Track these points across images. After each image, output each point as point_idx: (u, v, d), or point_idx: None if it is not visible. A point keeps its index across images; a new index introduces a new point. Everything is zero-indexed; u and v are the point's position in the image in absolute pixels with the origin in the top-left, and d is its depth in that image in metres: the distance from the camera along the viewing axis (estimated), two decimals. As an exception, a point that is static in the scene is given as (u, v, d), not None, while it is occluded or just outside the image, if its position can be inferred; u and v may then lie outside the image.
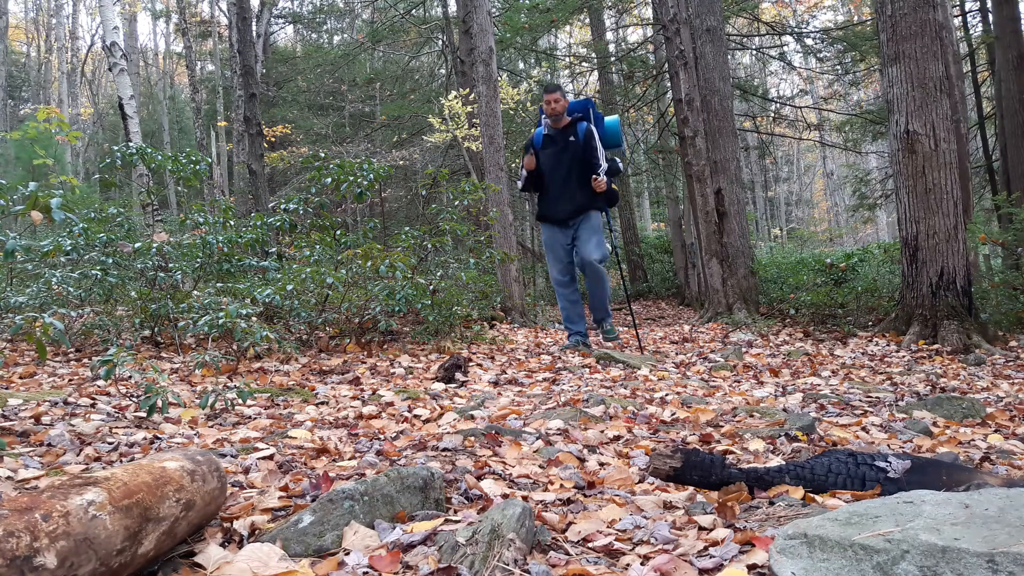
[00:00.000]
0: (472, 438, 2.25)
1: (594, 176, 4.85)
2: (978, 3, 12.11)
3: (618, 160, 5.10)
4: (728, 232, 8.08)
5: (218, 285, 5.03)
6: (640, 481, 1.87)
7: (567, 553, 1.32)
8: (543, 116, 5.08)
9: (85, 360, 4.02)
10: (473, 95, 10.05)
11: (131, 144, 5.38)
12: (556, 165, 5.00)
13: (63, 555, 0.94)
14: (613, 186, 5.09)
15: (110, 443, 2.14)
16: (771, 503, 1.60)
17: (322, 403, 3.08)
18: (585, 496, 1.72)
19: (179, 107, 24.08)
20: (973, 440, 2.55)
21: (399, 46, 16.62)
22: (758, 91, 16.45)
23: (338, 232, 5.60)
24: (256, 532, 1.40)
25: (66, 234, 4.47)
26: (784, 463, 1.93)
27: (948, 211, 5.66)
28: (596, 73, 15.72)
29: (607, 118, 5.19)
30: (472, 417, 2.69)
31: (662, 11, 8.65)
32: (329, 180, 5.22)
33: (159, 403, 2.50)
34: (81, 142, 20.80)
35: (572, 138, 4.98)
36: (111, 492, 1.09)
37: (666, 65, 10.27)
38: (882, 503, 1.24)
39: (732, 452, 2.20)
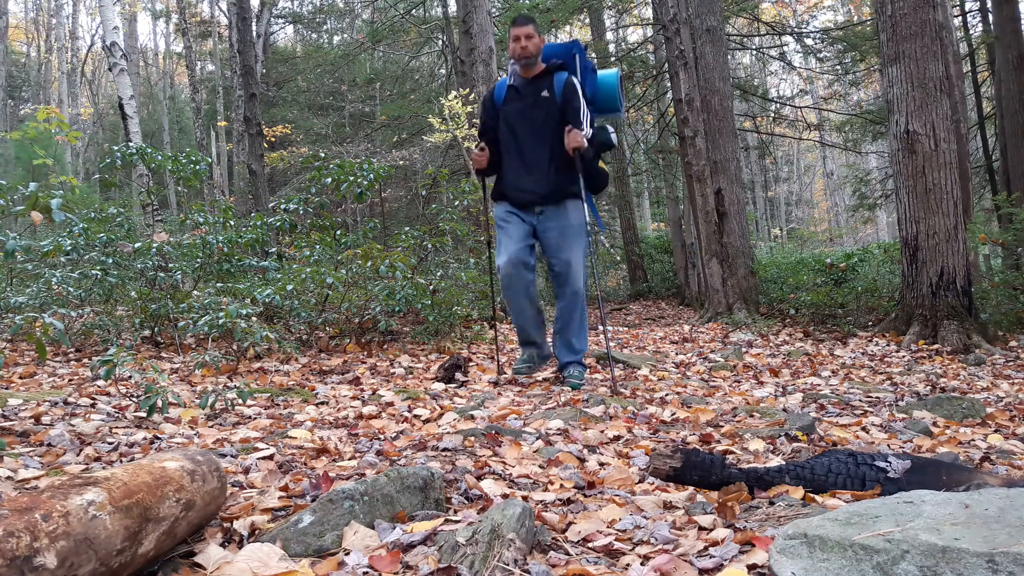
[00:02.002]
0: (472, 438, 2.25)
1: (568, 127, 3.48)
2: (978, 3, 12.11)
3: (611, 129, 3.78)
4: (728, 232, 8.08)
5: (218, 285, 5.03)
6: (640, 481, 1.87)
7: (567, 553, 1.32)
8: (511, 63, 3.74)
9: (85, 360, 4.02)
10: (473, 95, 10.05)
11: (131, 144, 5.38)
12: (522, 129, 3.64)
13: (63, 555, 0.94)
14: (601, 164, 3.82)
15: (110, 443, 2.14)
16: (771, 503, 1.60)
17: (322, 403, 3.08)
18: (585, 496, 1.72)
19: (179, 107, 24.08)
20: (973, 440, 2.55)
21: (399, 46, 16.63)
22: (758, 91, 16.45)
23: (338, 232, 5.60)
24: (256, 532, 1.40)
25: (66, 234, 4.48)
26: (784, 463, 1.93)
27: (948, 211, 5.66)
28: (596, 73, 15.70)
29: (602, 72, 3.81)
30: (472, 417, 2.69)
31: (662, 11, 8.65)
32: (329, 180, 5.22)
33: (159, 403, 2.50)
34: (81, 142, 20.81)
35: (546, 93, 3.62)
36: (111, 492, 1.09)
37: (666, 65, 10.27)
38: (882, 503, 1.24)
39: (732, 452, 2.20)
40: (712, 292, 8.19)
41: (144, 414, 2.50)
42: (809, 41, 13.61)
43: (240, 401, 2.81)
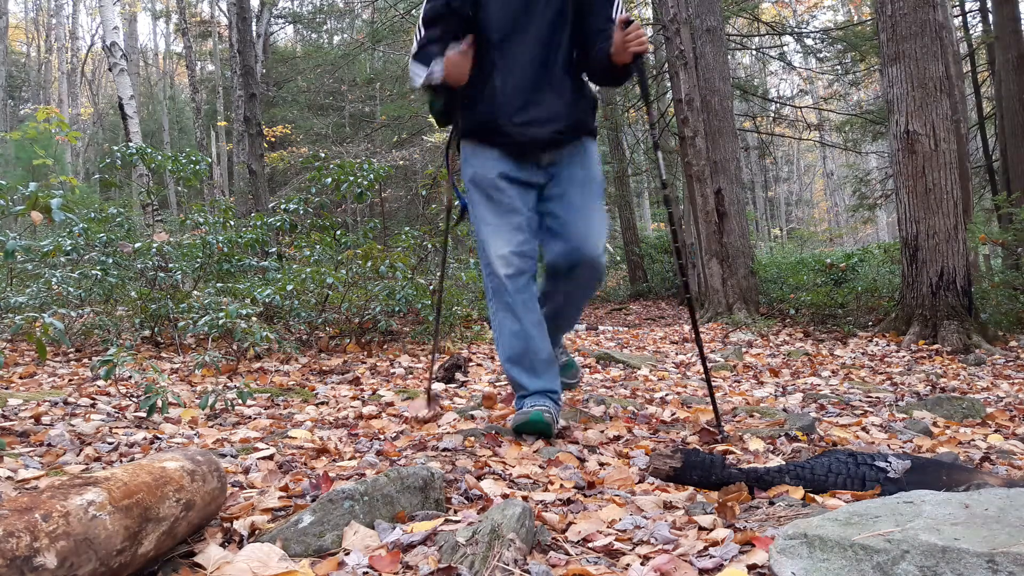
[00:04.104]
0: (472, 438, 2.24)
1: (628, 18, 2.22)
2: (978, 3, 12.11)
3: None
4: (728, 232, 8.08)
5: (218, 285, 5.03)
6: (640, 481, 1.87)
7: (567, 553, 1.32)
8: None
9: (85, 360, 4.02)
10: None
11: (131, 144, 5.39)
12: (518, 26, 2.28)
13: (63, 555, 0.94)
14: (596, 92, 2.54)
15: (110, 443, 2.14)
16: (771, 503, 1.60)
17: (322, 403, 3.07)
18: (585, 496, 1.72)
19: (179, 107, 24.09)
20: (973, 440, 2.55)
21: (399, 46, 16.62)
22: (758, 91, 16.45)
23: (338, 232, 5.60)
24: (256, 532, 1.40)
25: (66, 234, 4.48)
26: (784, 463, 1.93)
27: (948, 211, 5.66)
28: (596, 73, 15.70)
29: None
30: (472, 417, 2.69)
31: (662, 11, 8.66)
32: (329, 180, 5.22)
33: (159, 403, 2.50)
34: (81, 142, 20.82)
35: None
36: (111, 492, 1.09)
37: (666, 65, 10.27)
38: (882, 503, 1.24)
39: (732, 452, 2.20)
40: (712, 292, 8.19)
41: (144, 414, 2.50)
42: (809, 41, 13.62)
43: (240, 401, 2.81)
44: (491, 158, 2.30)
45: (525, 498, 1.67)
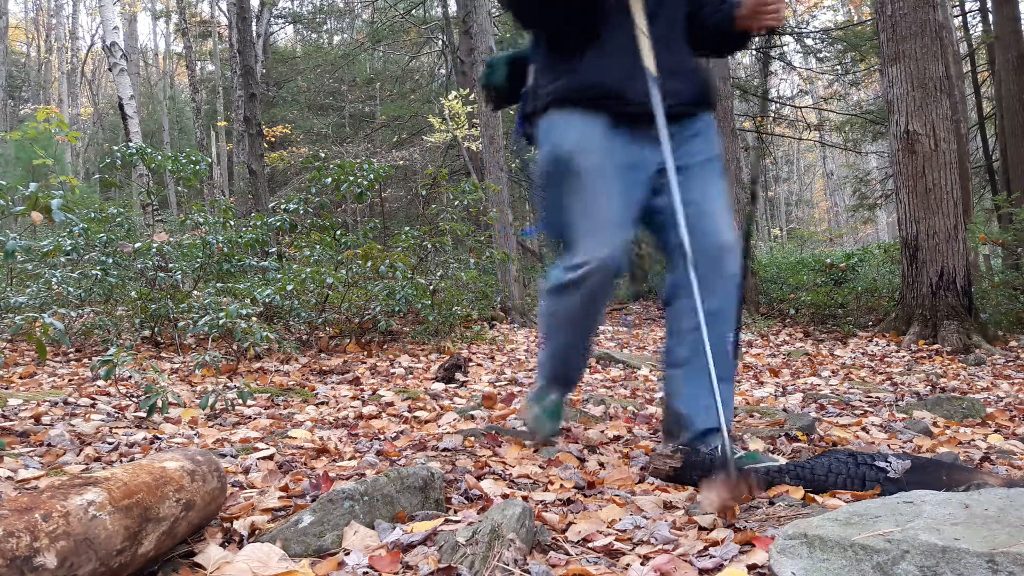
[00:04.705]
0: (472, 438, 2.24)
1: None
2: (978, 3, 12.11)
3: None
4: (728, 232, 8.08)
5: (218, 285, 5.03)
6: (640, 481, 1.87)
7: (567, 553, 1.32)
8: None
9: (85, 360, 4.02)
10: (473, 95, 10.06)
11: (131, 144, 5.39)
12: None
13: (63, 555, 0.94)
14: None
15: (110, 443, 2.14)
16: (771, 503, 1.60)
17: (322, 403, 3.07)
18: (585, 496, 1.72)
19: (179, 107, 24.09)
20: (973, 440, 2.55)
21: (399, 46, 16.63)
22: (758, 91, 16.45)
23: (338, 232, 5.60)
24: (256, 532, 1.40)
25: (66, 234, 4.48)
26: (784, 463, 1.92)
27: (948, 211, 5.66)
28: (596, 73, 15.69)
29: None
30: (472, 417, 2.69)
31: (662, 11, 8.65)
32: (329, 180, 5.22)
33: (159, 403, 2.50)
34: (81, 142, 20.82)
35: None
36: (111, 492, 1.09)
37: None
38: (882, 503, 1.24)
39: (732, 452, 2.20)
40: (712, 292, 8.20)
41: (144, 414, 2.50)
42: (809, 41, 13.62)
43: (240, 401, 2.81)
44: (596, 132, 1.82)
45: (525, 498, 1.67)
